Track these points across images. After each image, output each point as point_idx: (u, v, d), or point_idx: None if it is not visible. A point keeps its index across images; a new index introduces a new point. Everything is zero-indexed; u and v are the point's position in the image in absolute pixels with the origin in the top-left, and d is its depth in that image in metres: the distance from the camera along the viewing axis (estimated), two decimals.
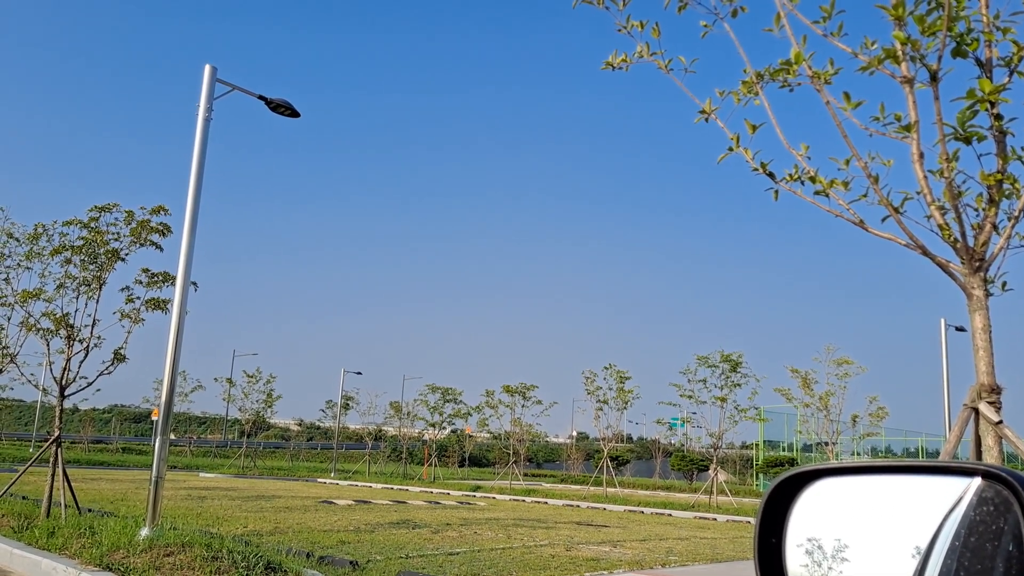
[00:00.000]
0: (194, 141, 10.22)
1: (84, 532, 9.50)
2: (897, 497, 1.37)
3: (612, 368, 30.24)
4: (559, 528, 16.82)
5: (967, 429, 3.45)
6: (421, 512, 19.13)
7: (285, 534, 12.52)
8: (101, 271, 11.48)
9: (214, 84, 10.45)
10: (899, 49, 3.46)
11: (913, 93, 3.51)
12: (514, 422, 36.44)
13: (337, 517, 16.28)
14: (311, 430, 78.89)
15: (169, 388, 9.84)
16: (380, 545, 11.84)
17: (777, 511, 1.41)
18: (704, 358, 27.27)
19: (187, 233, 10.01)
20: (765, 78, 3.94)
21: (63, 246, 11.66)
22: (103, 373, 11.70)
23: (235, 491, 23.47)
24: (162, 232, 11.55)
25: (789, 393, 26.33)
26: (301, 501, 20.57)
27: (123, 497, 18.13)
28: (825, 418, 25.11)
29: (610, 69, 4.50)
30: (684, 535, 16.86)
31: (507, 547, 12.56)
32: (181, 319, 9.90)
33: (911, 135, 3.50)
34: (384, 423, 45.34)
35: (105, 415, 74.27)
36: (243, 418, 41.52)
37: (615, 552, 12.81)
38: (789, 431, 47.47)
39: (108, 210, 11.58)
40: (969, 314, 3.44)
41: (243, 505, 18.22)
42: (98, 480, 24.43)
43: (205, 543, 8.58)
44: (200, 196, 10.14)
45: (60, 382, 11.47)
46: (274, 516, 15.77)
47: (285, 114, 11.57)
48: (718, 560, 12.74)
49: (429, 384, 39.84)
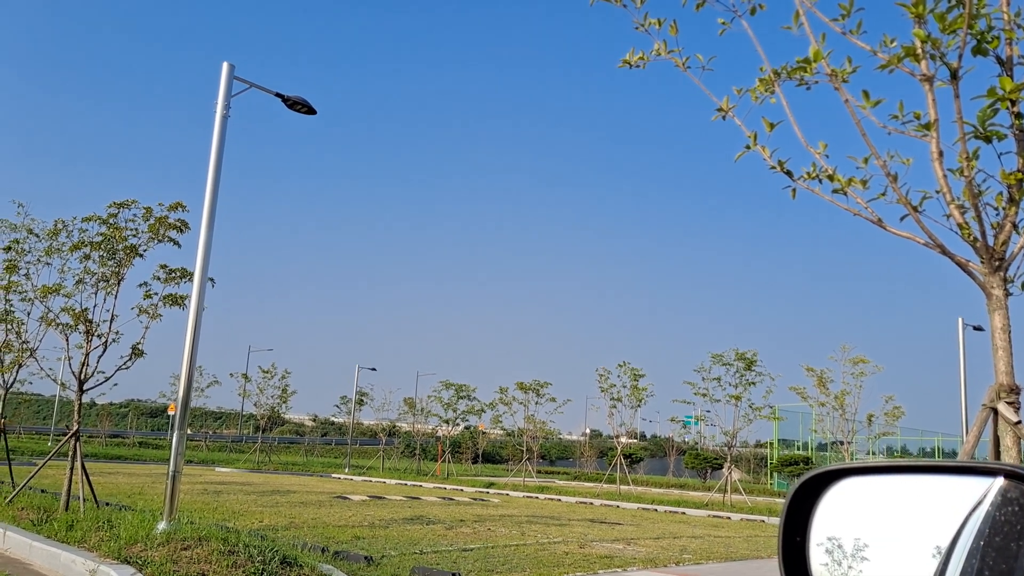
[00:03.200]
0: (212, 138, 10.29)
1: (102, 525, 9.59)
2: (919, 497, 1.37)
3: (626, 366, 30.23)
4: (573, 525, 16.82)
5: (985, 429, 3.43)
6: (435, 508, 19.19)
7: (300, 529, 12.60)
8: (119, 267, 11.57)
9: (231, 81, 10.51)
10: (919, 47, 3.45)
11: (933, 91, 3.49)
12: (528, 419, 36.47)
13: (352, 512, 16.36)
14: (325, 425, 79.21)
15: (186, 383, 9.92)
16: (394, 541, 11.89)
17: (802, 510, 1.41)
18: (718, 356, 27.21)
19: (204, 229, 10.08)
20: (783, 76, 3.93)
21: (82, 242, 11.77)
22: (121, 368, 11.81)
23: (251, 486, 23.62)
24: (180, 228, 11.63)
25: (804, 392, 26.23)
26: (316, 496, 20.67)
27: (140, 491, 18.29)
28: (840, 417, 24.99)
29: (627, 67, 4.50)
30: (698, 533, 16.82)
31: (521, 544, 12.58)
32: (198, 315, 9.97)
33: (931, 133, 3.48)
34: (398, 419, 45.50)
35: (122, 410, 74.77)
36: (258, 413, 41.78)
37: (629, 550, 12.81)
38: (804, 430, 47.28)
39: (127, 206, 11.68)
40: (988, 313, 3.42)
41: (259, 500, 18.34)
42: (116, 474, 24.65)
43: (222, 537, 8.64)
44: (218, 193, 10.21)
45: (79, 377, 11.58)
46: (289, 511, 15.87)
47: (301, 111, 11.61)
48: (732, 559, 12.72)
49: (443, 380, 39.97)
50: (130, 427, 64.71)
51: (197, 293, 9.95)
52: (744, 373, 26.76)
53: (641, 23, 4.39)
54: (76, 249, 11.82)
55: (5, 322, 13.82)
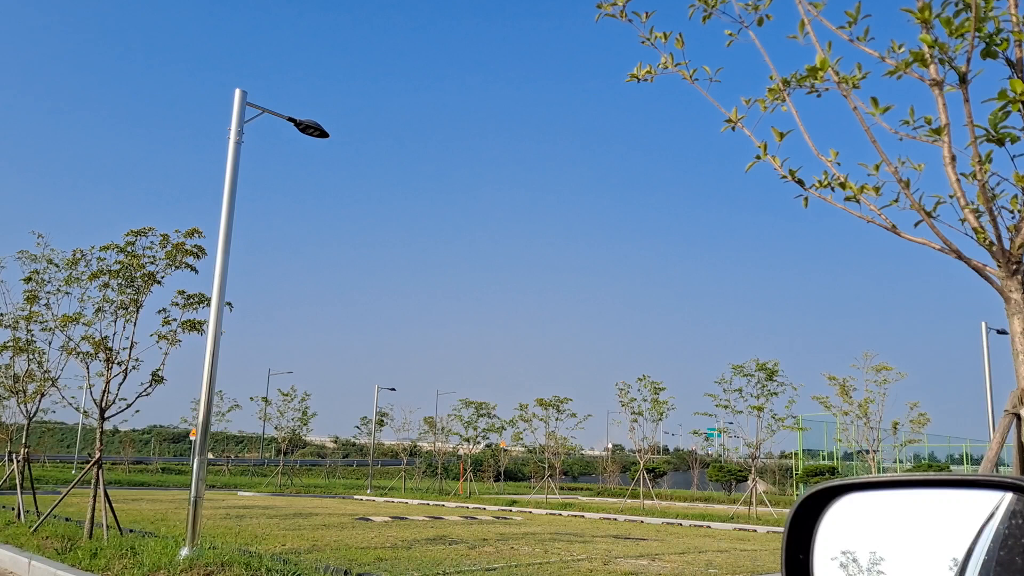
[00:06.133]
0: (226, 164, 10.39)
1: (126, 552, 9.63)
2: (929, 511, 1.34)
3: (646, 379, 30.05)
4: (596, 542, 16.70)
5: (1009, 435, 3.37)
6: (457, 528, 19.11)
7: (323, 552, 12.57)
8: (138, 294, 11.68)
9: (244, 108, 10.62)
10: (927, 52, 3.42)
11: (943, 96, 3.47)
12: (548, 435, 36.29)
13: (374, 534, 16.32)
14: (346, 447, 79.33)
15: (206, 409, 9.96)
16: (417, 561, 11.84)
17: (804, 527, 1.39)
18: (739, 367, 26.99)
19: (220, 254, 10.16)
20: (792, 85, 3.91)
21: (101, 271, 11.89)
22: (142, 395, 11.89)
23: (273, 509, 23.63)
24: (196, 254, 11.73)
25: (827, 401, 25.94)
26: (338, 518, 20.65)
27: (163, 517, 18.34)
28: (865, 426, 24.66)
29: (635, 81, 4.50)
30: (724, 547, 16.64)
31: (544, 562, 12.49)
32: (217, 340, 10.03)
33: (942, 138, 3.45)
34: (419, 438, 45.43)
35: (144, 436, 75.27)
36: (279, 436, 41.86)
37: (654, 566, 12.68)
38: (829, 440, 46.68)
39: (144, 234, 11.80)
40: (1008, 318, 3.37)
41: (281, 523, 18.34)
42: (139, 500, 24.75)
43: (244, 562, 8.65)
44: (233, 217, 10.30)
45: (100, 404, 11.66)
46: (312, 534, 15.85)
47: (314, 135, 11.72)
48: (759, 572, 12.56)
49: (462, 399, 39.92)
50: (153, 453, 65.12)
51: (215, 318, 10.02)
52: (766, 383, 26.53)
53: (647, 37, 4.40)
54: (95, 278, 11.94)
55: (27, 352, 13.97)
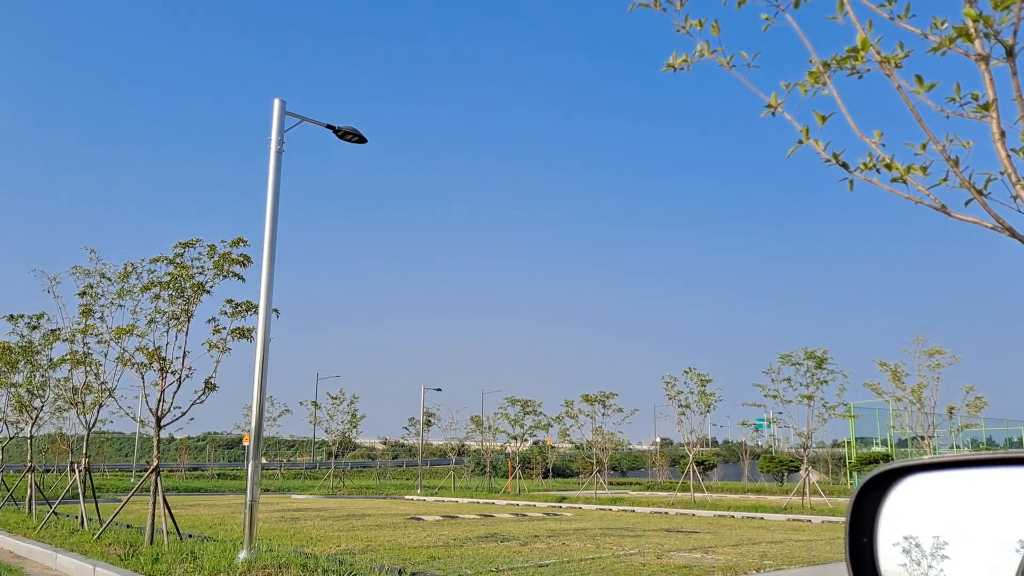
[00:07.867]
0: (268, 173, 10.55)
1: (186, 557, 9.84)
2: (995, 490, 1.32)
3: (692, 372, 29.78)
4: (648, 536, 16.61)
5: None
6: (508, 525, 19.17)
7: (377, 552, 12.71)
8: (188, 304, 11.91)
9: (284, 117, 10.78)
10: (971, 26, 3.35)
11: (989, 71, 3.38)
12: (595, 431, 36.16)
13: (426, 533, 16.45)
14: (396, 448, 79.99)
15: (258, 414, 10.14)
16: (470, 559, 11.90)
17: (867, 510, 1.37)
18: (787, 356, 26.62)
19: (266, 262, 10.32)
20: (832, 67, 3.85)
21: (152, 283, 12.15)
22: (196, 402, 12.12)
23: (326, 511, 23.95)
24: (243, 263, 11.92)
25: (879, 387, 25.44)
26: (390, 518, 20.85)
27: (220, 521, 18.70)
28: (919, 411, 24.15)
29: (671, 71, 4.47)
30: (778, 538, 16.44)
31: (596, 557, 12.47)
32: (266, 346, 10.19)
33: (990, 114, 3.37)
34: (466, 438, 45.64)
35: (199, 443, 76.77)
36: (330, 439, 42.36)
37: (707, 558, 12.58)
38: (882, 427, 45.80)
39: (191, 245, 12.03)
40: None
41: (335, 524, 18.58)
42: (196, 506, 25.27)
43: (301, 563, 8.78)
44: (277, 225, 10.46)
45: (156, 413, 11.93)
46: (365, 534, 16.03)
47: (352, 140, 11.84)
48: (815, 563, 12.39)
49: (508, 397, 39.97)
50: (208, 459, 66.35)
51: (263, 325, 10.18)
52: (815, 372, 26.12)
53: (683, 25, 4.36)
54: (147, 290, 12.20)
55: (84, 364, 14.35)
